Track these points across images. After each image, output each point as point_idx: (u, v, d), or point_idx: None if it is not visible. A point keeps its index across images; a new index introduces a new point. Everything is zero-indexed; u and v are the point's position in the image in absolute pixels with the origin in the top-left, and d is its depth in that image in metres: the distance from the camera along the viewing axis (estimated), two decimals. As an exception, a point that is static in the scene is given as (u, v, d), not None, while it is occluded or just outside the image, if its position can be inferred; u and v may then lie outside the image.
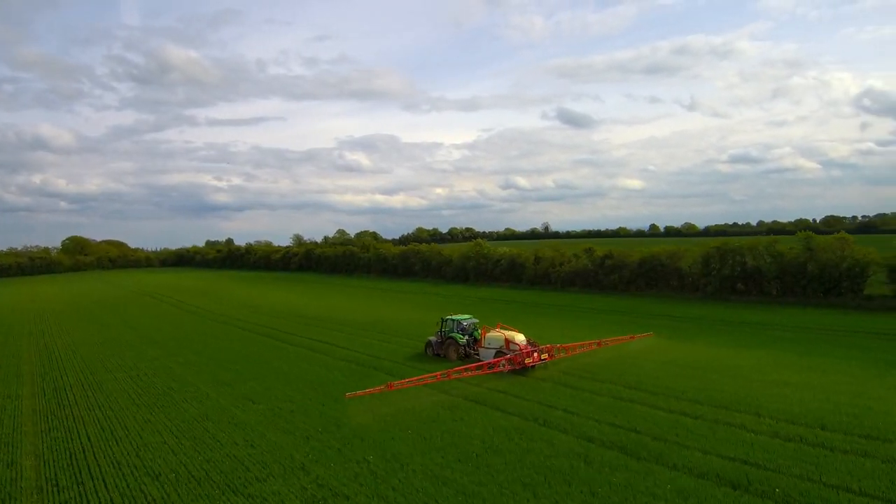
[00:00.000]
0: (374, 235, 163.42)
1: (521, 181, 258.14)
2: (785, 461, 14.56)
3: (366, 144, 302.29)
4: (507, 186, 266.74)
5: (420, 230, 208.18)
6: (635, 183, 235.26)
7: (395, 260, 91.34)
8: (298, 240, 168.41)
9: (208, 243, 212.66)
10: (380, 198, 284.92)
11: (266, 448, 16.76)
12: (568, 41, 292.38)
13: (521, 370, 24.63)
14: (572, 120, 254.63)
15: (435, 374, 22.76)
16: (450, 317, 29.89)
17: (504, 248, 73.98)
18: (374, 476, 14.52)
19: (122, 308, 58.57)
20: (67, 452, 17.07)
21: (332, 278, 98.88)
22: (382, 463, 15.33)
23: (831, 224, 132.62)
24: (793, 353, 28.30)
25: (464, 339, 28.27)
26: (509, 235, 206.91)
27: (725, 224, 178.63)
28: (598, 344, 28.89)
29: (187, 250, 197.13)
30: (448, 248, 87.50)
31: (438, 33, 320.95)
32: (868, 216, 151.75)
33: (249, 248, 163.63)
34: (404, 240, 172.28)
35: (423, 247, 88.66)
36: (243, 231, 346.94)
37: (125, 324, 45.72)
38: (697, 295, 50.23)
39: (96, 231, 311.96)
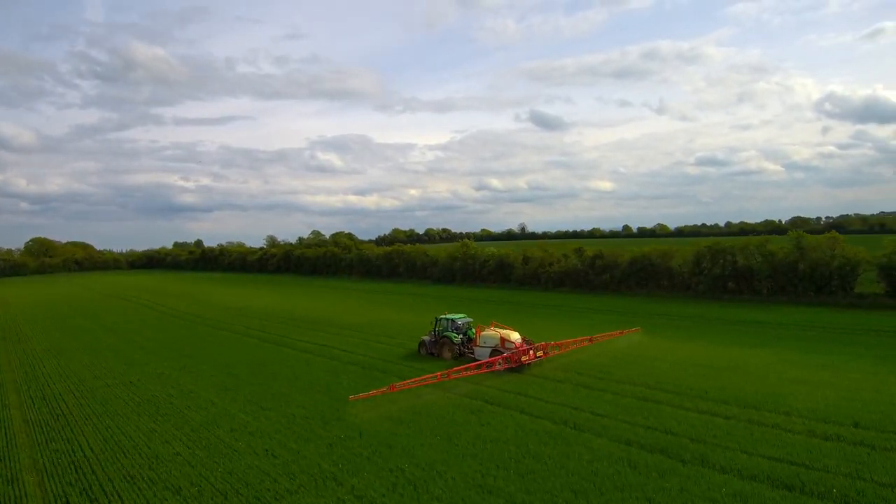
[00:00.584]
0: (350, 236, 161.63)
1: (495, 182, 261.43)
2: (831, 461, 14.33)
3: (338, 145, 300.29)
4: (480, 188, 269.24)
5: (396, 231, 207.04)
6: (606, 185, 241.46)
7: (378, 261, 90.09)
8: (272, 241, 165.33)
9: (176, 245, 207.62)
10: (353, 198, 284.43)
11: (289, 457, 15.85)
12: (540, 44, 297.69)
13: (518, 368, 24.64)
14: (544, 122, 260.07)
15: (436, 374, 22.42)
16: (444, 316, 29.85)
17: (491, 249, 73.55)
18: (414, 486, 13.79)
19: (99, 312, 56.20)
20: (72, 466, 15.86)
21: (313, 280, 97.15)
22: (418, 471, 14.60)
23: (798, 225, 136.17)
24: (798, 351, 28.48)
25: (458, 338, 28.31)
26: (486, 236, 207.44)
27: (695, 225, 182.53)
28: (590, 340, 29.16)
29: (157, 252, 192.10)
30: (433, 249, 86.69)
31: (411, 34, 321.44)
32: (832, 217, 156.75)
33: (224, 250, 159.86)
34: (381, 241, 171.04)
35: (408, 248, 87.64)
36: (212, 232, 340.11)
37: (105, 328, 43.74)
38: (689, 294, 50.61)
39: (59, 232, 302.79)
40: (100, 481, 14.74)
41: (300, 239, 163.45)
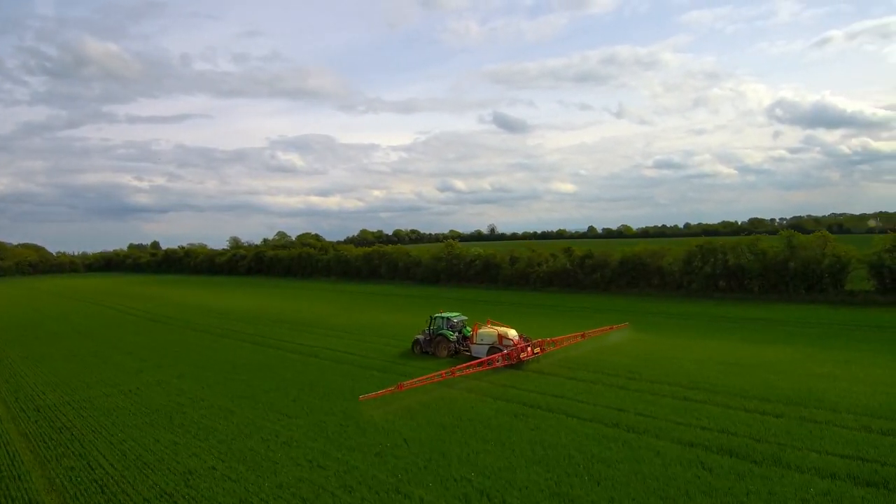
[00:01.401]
0: (317, 237, 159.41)
1: (459, 184, 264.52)
2: (899, 457, 14.19)
3: (299, 144, 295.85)
4: (444, 189, 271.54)
5: (364, 232, 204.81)
6: (568, 187, 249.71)
7: (358, 262, 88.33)
8: (236, 242, 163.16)
9: (132, 247, 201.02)
10: (315, 199, 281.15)
11: (339, 468, 14.75)
12: (503, 47, 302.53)
13: (517, 365, 25.06)
14: (508, 125, 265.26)
15: (440, 372, 22.33)
16: (439, 314, 29.99)
17: (478, 249, 72.98)
18: (488, 497, 12.91)
19: (69, 316, 53.02)
20: (95, 484, 14.36)
21: (289, 282, 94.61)
22: (485, 480, 13.73)
23: (756, 225, 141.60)
24: (814, 347, 28.65)
25: (454, 336, 28.56)
26: (454, 237, 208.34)
27: (656, 226, 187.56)
28: (582, 336, 29.57)
29: (116, 254, 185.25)
30: (415, 250, 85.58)
31: (373, 34, 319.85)
32: (786, 218, 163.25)
33: (189, 251, 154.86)
34: (352, 242, 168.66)
35: (389, 248, 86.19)
36: (168, 234, 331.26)
37: (81, 334, 41.10)
38: (680, 293, 51.13)
39: (4, 234, 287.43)
40: (133, 500, 13.36)
41: (265, 240, 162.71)
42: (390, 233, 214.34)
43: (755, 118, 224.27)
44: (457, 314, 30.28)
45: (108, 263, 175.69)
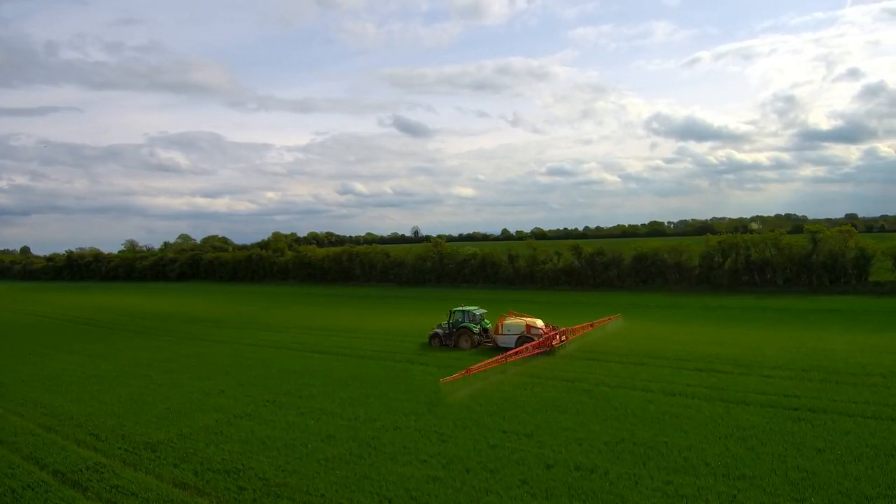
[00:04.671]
0: (224, 240, 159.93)
1: (360, 187, 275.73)
2: None
3: (183, 142, 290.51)
4: (344, 192, 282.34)
5: (276, 234, 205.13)
6: (468, 191, 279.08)
7: (325, 264, 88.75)
8: (132, 246, 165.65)
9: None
10: (201, 201, 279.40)
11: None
12: (401, 51, 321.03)
13: (549, 351, 29.26)
14: (408, 128, 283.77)
15: (496, 358, 26.43)
16: (459, 308, 33.91)
17: (472, 248, 75.81)
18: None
19: (29, 333, 50.89)
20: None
21: (244, 287, 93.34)
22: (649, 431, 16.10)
23: (655, 228, 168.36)
24: (866, 332, 33.65)
25: (477, 329, 32.69)
26: (372, 240, 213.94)
27: (557, 229, 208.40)
28: (591, 325, 35.00)
29: (0, 260, 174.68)
30: (393, 250, 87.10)
31: (265, 29, 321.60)
32: (673, 222, 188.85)
33: (101, 255, 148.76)
34: (263, 245, 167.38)
35: (363, 248, 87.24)
36: (32, 238, 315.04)
37: (80, 353, 40.05)
38: (703, 288, 56.04)
39: None
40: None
41: (166, 243, 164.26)
42: (305, 234, 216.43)
43: (635, 130, 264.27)
44: (476, 307, 34.13)
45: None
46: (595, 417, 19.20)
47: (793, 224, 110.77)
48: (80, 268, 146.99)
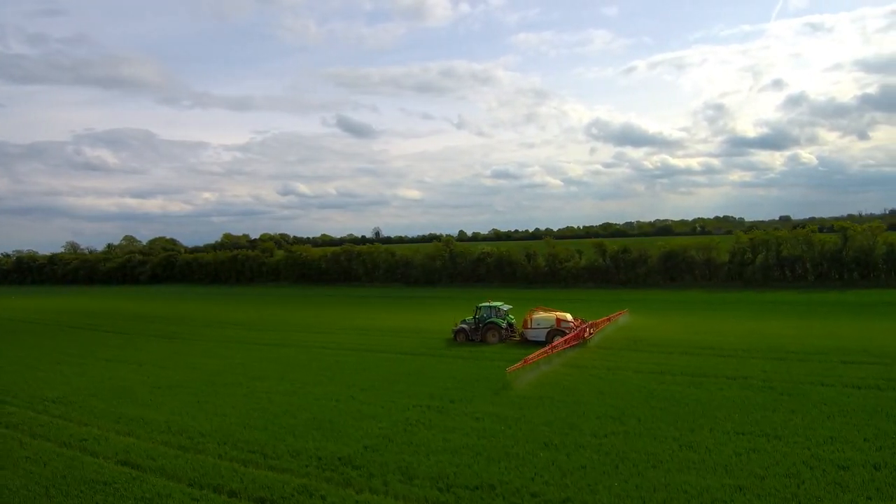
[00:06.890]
0: (173, 241, 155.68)
1: (302, 188, 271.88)
2: None
3: (112, 140, 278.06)
4: (286, 192, 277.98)
5: (227, 236, 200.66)
6: (414, 193, 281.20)
7: (322, 264, 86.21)
8: (73, 248, 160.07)
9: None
10: (132, 202, 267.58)
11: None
12: (344, 50, 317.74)
13: (582, 343, 30.39)
14: (352, 129, 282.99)
15: (545, 349, 27.22)
16: (486, 304, 35.35)
17: (487, 247, 75.24)
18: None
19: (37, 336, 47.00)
20: None
21: (234, 289, 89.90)
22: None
23: (608, 229, 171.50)
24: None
25: (504, 324, 34.03)
26: (328, 241, 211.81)
27: (508, 231, 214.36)
28: (608, 320, 36.39)
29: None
30: (398, 249, 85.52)
31: (200, 24, 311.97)
32: (618, 223, 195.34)
33: (53, 258, 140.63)
34: (218, 246, 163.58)
35: (365, 248, 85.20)
36: None
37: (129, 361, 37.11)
38: (735, 284, 57.02)
39: None
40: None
41: (109, 245, 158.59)
42: (257, 236, 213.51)
43: (576, 135, 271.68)
44: (501, 303, 35.58)
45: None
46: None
47: (731, 225, 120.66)
48: (31, 271, 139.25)
